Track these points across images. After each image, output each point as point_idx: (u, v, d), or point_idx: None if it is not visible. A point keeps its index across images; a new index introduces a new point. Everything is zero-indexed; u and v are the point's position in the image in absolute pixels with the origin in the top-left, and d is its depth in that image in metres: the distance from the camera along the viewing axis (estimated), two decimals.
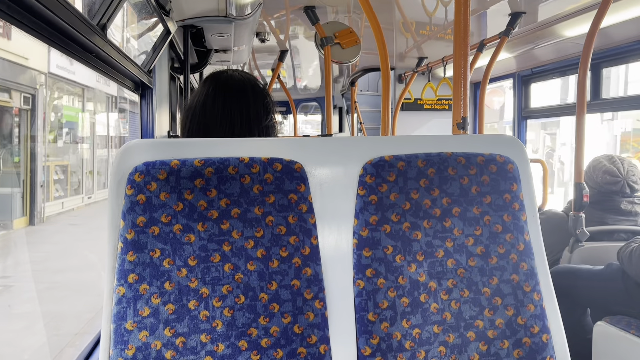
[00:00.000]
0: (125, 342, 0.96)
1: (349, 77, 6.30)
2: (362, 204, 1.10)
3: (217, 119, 1.34)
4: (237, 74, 1.43)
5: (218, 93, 1.36)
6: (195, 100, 1.38)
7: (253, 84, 1.42)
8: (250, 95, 1.38)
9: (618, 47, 3.39)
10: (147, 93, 2.23)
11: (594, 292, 2.46)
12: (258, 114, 1.38)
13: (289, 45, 4.60)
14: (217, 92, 1.37)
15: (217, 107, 1.35)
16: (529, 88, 4.60)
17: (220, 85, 1.38)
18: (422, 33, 4.24)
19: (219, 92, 1.37)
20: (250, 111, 1.36)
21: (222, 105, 1.35)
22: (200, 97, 1.38)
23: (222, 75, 1.41)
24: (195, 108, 1.37)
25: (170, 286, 0.99)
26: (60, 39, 1.25)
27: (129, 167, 1.01)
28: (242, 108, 1.36)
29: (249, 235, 1.04)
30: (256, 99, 1.38)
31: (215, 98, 1.36)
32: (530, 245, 1.15)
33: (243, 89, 1.38)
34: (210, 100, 1.36)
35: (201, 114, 1.36)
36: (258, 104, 1.38)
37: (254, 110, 1.37)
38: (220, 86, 1.38)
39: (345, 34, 3.10)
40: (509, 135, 1.21)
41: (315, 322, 1.04)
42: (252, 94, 1.38)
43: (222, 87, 1.38)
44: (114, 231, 1.00)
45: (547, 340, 1.12)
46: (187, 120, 1.38)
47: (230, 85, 1.38)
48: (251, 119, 1.36)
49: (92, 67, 1.50)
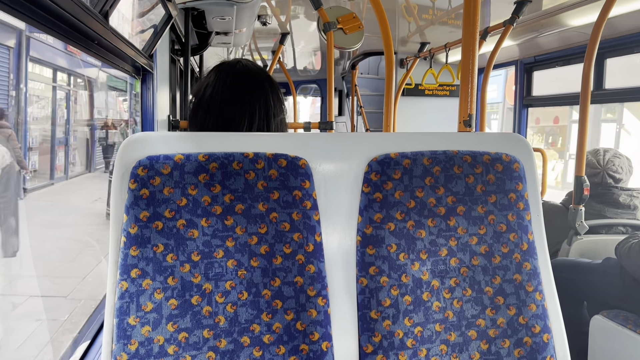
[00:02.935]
0: (128, 336, 0.96)
1: (350, 60, 6.24)
2: (367, 201, 1.09)
3: (236, 114, 1.27)
4: (251, 64, 1.36)
5: (236, 85, 1.29)
6: (210, 93, 1.30)
7: (268, 76, 1.35)
8: (268, 88, 1.32)
9: (623, 37, 3.36)
10: (148, 77, 2.20)
11: (591, 286, 2.48)
12: (275, 107, 1.32)
13: (290, 28, 4.55)
14: (234, 84, 1.29)
15: (237, 101, 1.28)
16: (532, 76, 4.57)
17: (237, 77, 1.31)
18: (425, 17, 4.19)
19: (237, 84, 1.29)
20: (268, 105, 1.30)
21: (241, 100, 1.28)
22: (216, 91, 1.29)
23: (237, 67, 1.34)
24: (211, 103, 1.29)
25: (173, 281, 0.98)
26: (63, 29, 1.23)
27: (133, 161, 0.99)
28: (261, 101, 1.30)
29: (253, 231, 1.03)
30: (273, 92, 1.33)
31: (233, 91, 1.29)
32: (534, 245, 1.15)
33: (260, 82, 1.32)
34: (228, 92, 1.29)
35: (219, 110, 1.28)
36: (274, 97, 1.33)
37: (271, 103, 1.31)
38: (237, 77, 1.31)
39: (349, 19, 3.06)
40: (515, 134, 1.20)
41: (317, 319, 1.04)
42: (270, 87, 1.33)
43: (239, 78, 1.31)
44: (117, 225, 0.99)
45: (548, 340, 1.12)
46: (202, 115, 1.30)
47: (248, 78, 1.31)
48: (269, 113, 1.30)
49: (92, 55, 1.48)
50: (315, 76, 7.23)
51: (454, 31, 4.34)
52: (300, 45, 5.45)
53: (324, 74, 6.70)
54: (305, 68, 6.78)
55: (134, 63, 1.96)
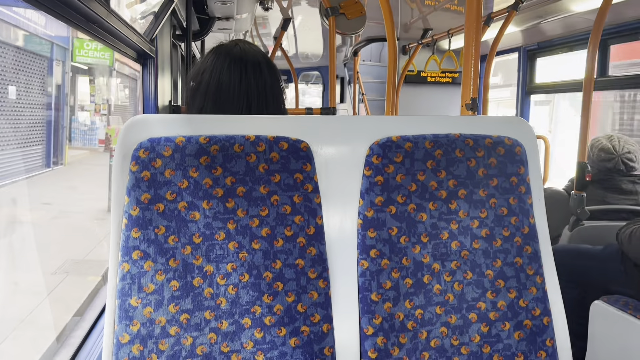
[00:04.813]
0: (130, 317, 0.97)
1: (352, 46, 6.21)
2: (368, 184, 1.09)
3: (234, 96, 1.28)
4: (249, 46, 1.35)
5: (234, 69, 1.29)
6: (208, 76, 1.30)
7: (266, 58, 1.35)
8: (265, 70, 1.32)
9: (627, 24, 3.34)
10: (149, 62, 2.19)
11: (592, 271, 2.48)
12: (273, 89, 1.32)
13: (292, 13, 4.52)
14: (232, 67, 1.29)
15: (234, 84, 1.28)
16: (535, 63, 4.54)
17: (235, 59, 1.31)
18: (428, 3, 4.16)
19: (235, 68, 1.29)
20: (266, 87, 1.30)
21: (238, 82, 1.28)
22: (213, 74, 1.30)
23: (235, 49, 1.33)
24: (209, 85, 1.29)
25: (174, 263, 0.99)
26: (64, 10, 1.22)
27: (134, 143, 0.99)
28: (259, 84, 1.30)
29: (254, 214, 1.03)
30: (271, 74, 1.33)
31: (231, 74, 1.29)
32: (535, 229, 1.15)
33: (258, 64, 1.32)
34: (226, 76, 1.29)
35: (216, 93, 1.29)
36: (273, 79, 1.33)
37: (269, 85, 1.31)
38: (235, 61, 1.30)
39: (351, 4, 3.03)
40: (517, 117, 1.20)
41: (318, 301, 1.05)
42: (267, 69, 1.32)
43: (237, 62, 1.30)
44: (118, 207, 1.00)
45: (548, 323, 1.13)
46: (200, 98, 1.30)
47: (246, 60, 1.31)
48: (267, 95, 1.30)
49: (94, 37, 1.47)
50: (317, 63, 7.21)
51: (457, 17, 4.31)
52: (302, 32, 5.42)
53: (326, 61, 6.67)
54: (307, 55, 6.74)
55: (136, 47, 1.96)
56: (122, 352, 0.96)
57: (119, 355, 0.96)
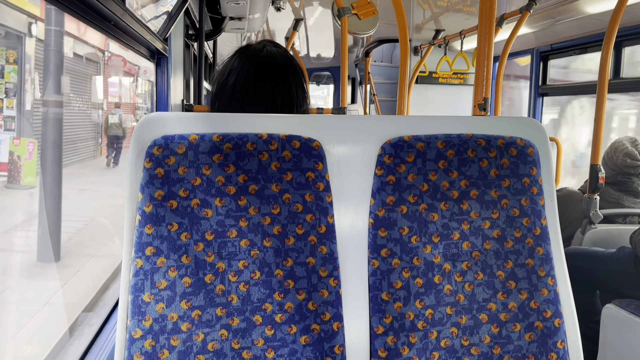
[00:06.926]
0: (143, 313, 0.97)
1: (364, 47, 6.21)
2: (380, 184, 1.09)
3: (259, 100, 1.25)
4: (276, 50, 1.32)
5: (260, 74, 1.26)
6: (234, 78, 1.27)
7: (293, 63, 1.32)
8: (292, 76, 1.29)
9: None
10: (162, 61, 2.21)
11: (604, 275, 2.46)
12: (298, 97, 1.29)
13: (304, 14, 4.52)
14: (258, 72, 1.26)
15: (260, 90, 1.25)
16: (547, 64, 4.51)
17: (260, 64, 1.27)
18: (440, 4, 4.15)
19: (261, 73, 1.26)
20: (290, 94, 1.27)
21: (265, 88, 1.26)
22: (240, 76, 1.26)
23: (262, 54, 1.29)
24: (235, 87, 1.26)
25: (187, 260, 1.00)
26: (81, 8, 1.24)
27: (148, 140, 1.00)
28: (284, 91, 1.27)
29: (266, 212, 1.04)
30: (297, 81, 1.29)
31: (257, 79, 1.26)
32: (547, 230, 1.15)
33: (285, 69, 1.28)
34: (252, 81, 1.25)
35: (243, 98, 1.25)
36: (298, 87, 1.29)
37: (294, 93, 1.28)
38: (261, 65, 1.27)
39: (363, 5, 3.03)
40: (530, 118, 1.19)
41: (329, 300, 1.05)
42: (293, 76, 1.29)
43: (263, 66, 1.27)
44: (132, 203, 1.01)
45: (560, 325, 1.12)
46: (225, 99, 1.27)
47: (272, 65, 1.28)
48: (292, 103, 1.28)
49: (109, 36, 1.49)
50: (329, 64, 7.21)
51: (469, 18, 4.29)
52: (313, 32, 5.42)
53: (337, 61, 6.67)
54: (318, 55, 6.75)
55: (149, 46, 1.97)
56: (134, 347, 0.97)
57: (131, 350, 0.97)
